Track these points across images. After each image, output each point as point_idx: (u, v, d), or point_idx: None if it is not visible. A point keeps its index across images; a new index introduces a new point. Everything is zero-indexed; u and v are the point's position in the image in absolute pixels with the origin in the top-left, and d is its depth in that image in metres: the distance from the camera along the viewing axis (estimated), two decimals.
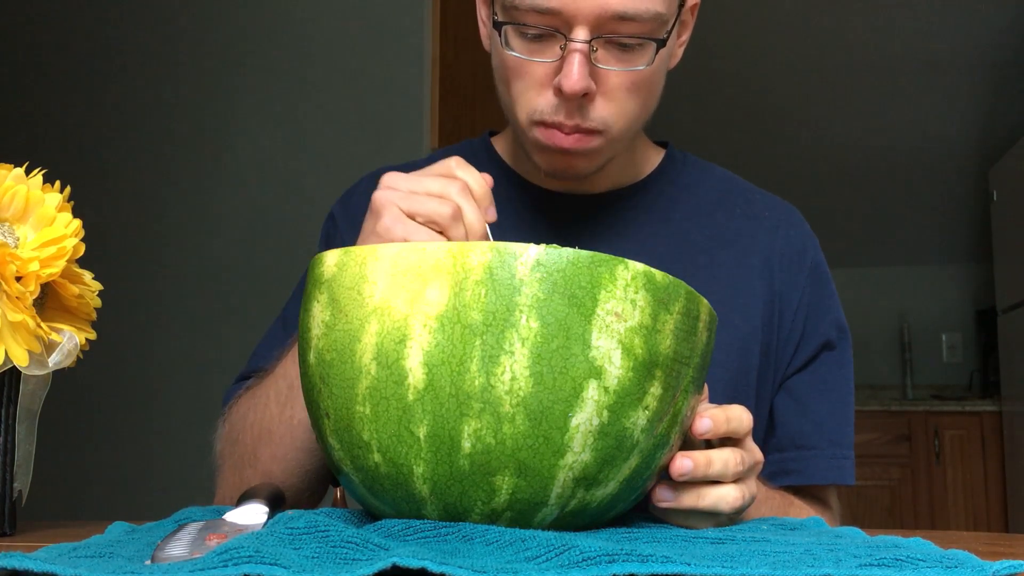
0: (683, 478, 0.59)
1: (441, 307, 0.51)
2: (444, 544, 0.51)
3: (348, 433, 0.55)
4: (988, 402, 3.46)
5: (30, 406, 0.72)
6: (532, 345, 0.51)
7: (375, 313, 0.53)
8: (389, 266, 0.53)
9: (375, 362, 0.52)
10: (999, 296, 3.51)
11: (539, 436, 0.52)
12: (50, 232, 0.69)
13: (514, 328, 0.51)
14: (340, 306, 0.54)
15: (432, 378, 0.51)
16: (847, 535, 0.59)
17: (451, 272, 0.52)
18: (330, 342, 0.54)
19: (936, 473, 3.41)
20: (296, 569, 0.45)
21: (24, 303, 0.66)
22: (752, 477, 0.64)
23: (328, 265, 0.56)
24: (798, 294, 0.92)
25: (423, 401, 0.51)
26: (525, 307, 0.51)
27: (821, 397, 0.91)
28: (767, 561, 0.47)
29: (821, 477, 0.89)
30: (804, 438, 0.90)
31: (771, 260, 0.92)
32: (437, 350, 0.51)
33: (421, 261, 0.52)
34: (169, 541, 0.53)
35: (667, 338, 0.55)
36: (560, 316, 0.51)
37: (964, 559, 0.48)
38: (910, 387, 3.92)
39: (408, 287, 0.52)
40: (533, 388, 0.51)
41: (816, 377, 0.91)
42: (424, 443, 0.52)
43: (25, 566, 0.46)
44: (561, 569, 0.45)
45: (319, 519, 0.54)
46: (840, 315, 0.95)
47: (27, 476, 0.72)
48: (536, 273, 0.51)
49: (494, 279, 0.51)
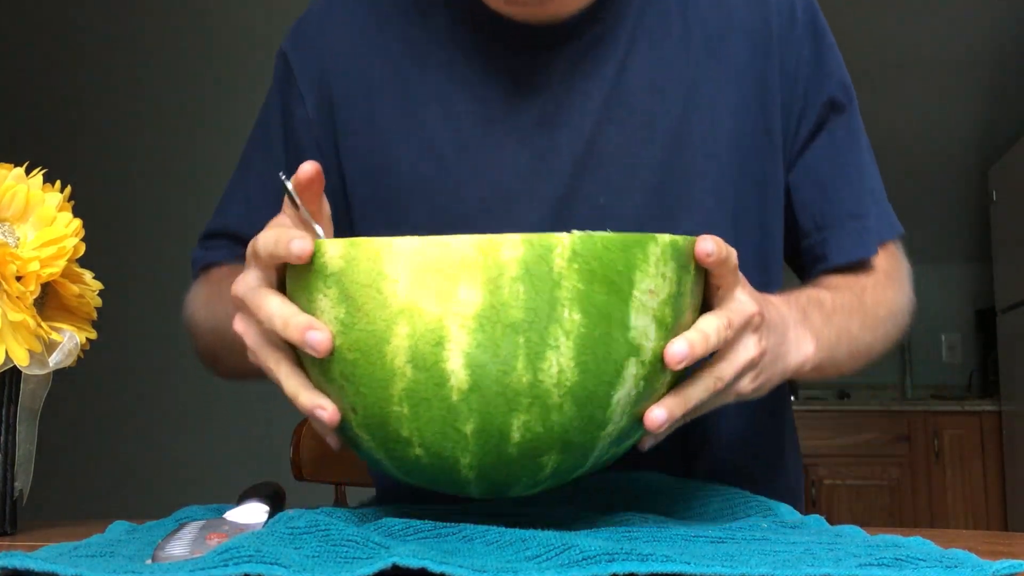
0: (680, 365, 0.54)
1: (477, 306, 0.50)
2: (444, 544, 0.51)
3: (382, 429, 0.54)
4: (987, 402, 3.46)
5: (31, 406, 0.72)
6: (576, 337, 0.51)
7: (403, 314, 0.50)
8: (409, 262, 0.50)
9: (410, 365, 0.51)
10: (998, 296, 3.50)
11: (584, 417, 0.53)
12: (50, 232, 0.69)
13: (557, 323, 0.50)
14: (357, 304, 0.51)
15: (477, 379, 0.50)
16: (847, 534, 0.59)
17: (483, 268, 0.50)
18: (351, 341, 0.52)
19: (935, 473, 3.41)
20: (296, 568, 0.45)
21: (24, 303, 0.66)
22: (745, 328, 0.58)
23: (332, 256, 0.52)
24: (793, 58, 0.84)
25: (468, 401, 0.51)
26: (567, 300, 0.50)
27: (835, 169, 0.85)
28: (767, 560, 0.47)
29: (846, 255, 0.84)
30: (824, 218, 0.85)
31: (754, 33, 0.83)
32: (479, 351, 0.50)
33: (446, 257, 0.50)
34: (170, 540, 0.53)
35: (687, 296, 0.56)
36: (600, 304, 0.51)
37: (964, 558, 0.48)
38: (909, 387, 3.92)
39: (436, 285, 0.50)
40: (579, 377, 0.51)
41: (827, 146, 0.85)
42: (471, 438, 0.52)
43: (26, 565, 0.46)
44: (561, 568, 0.45)
45: (320, 518, 0.54)
46: (844, 74, 0.87)
47: (27, 476, 0.72)
48: (574, 264, 0.50)
49: (531, 274, 0.50)
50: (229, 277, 0.82)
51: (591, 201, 0.79)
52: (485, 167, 0.80)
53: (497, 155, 0.80)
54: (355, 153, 0.85)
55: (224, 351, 0.80)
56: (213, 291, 0.85)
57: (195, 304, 0.88)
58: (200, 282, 0.90)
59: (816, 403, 3.54)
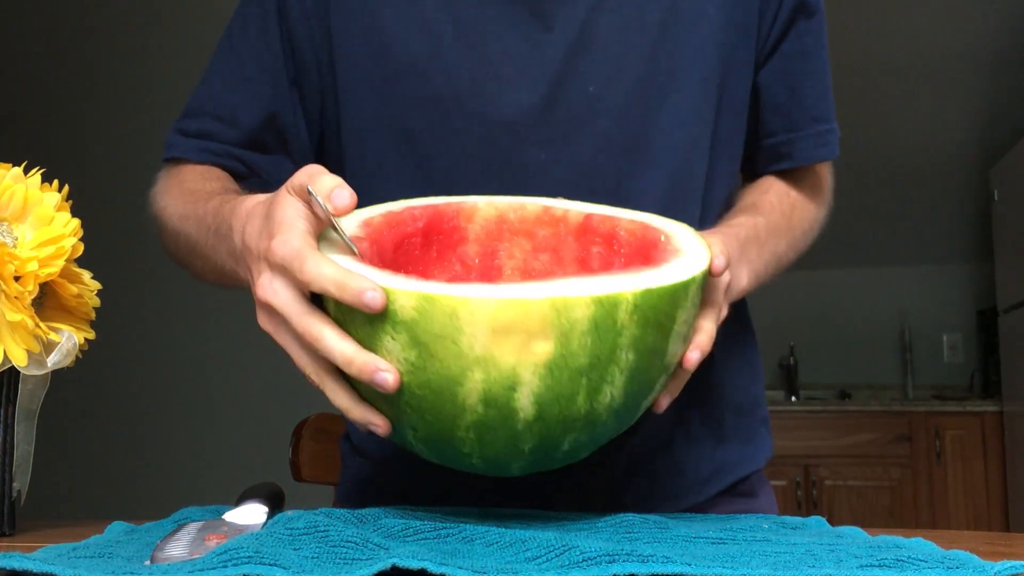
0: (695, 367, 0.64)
1: (548, 355, 0.53)
2: (444, 545, 0.51)
3: (444, 445, 0.58)
4: (989, 402, 3.46)
5: (29, 406, 0.72)
6: (628, 371, 0.57)
7: (479, 363, 0.53)
8: (487, 322, 0.52)
9: (482, 403, 0.54)
10: (1000, 296, 3.50)
11: (621, 426, 0.61)
12: (49, 231, 0.69)
13: (615, 364, 0.56)
14: (430, 350, 0.53)
15: (542, 411, 0.55)
16: (848, 535, 0.59)
17: (556, 325, 0.53)
18: (422, 381, 0.54)
19: (937, 473, 3.41)
20: (296, 569, 0.45)
21: (23, 303, 0.66)
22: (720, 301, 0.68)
23: (404, 306, 0.53)
24: None
25: (531, 428, 0.56)
26: (625, 345, 0.55)
27: (804, 72, 0.89)
28: (768, 561, 0.47)
29: (808, 157, 0.91)
30: (791, 120, 0.90)
31: None
32: (547, 391, 0.54)
33: (525, 318, 0.52)
34: (168, 541, 0.53)
35: (696, 306, 0.62)
36: (650, 343, 0.57)
37: (965, 560, 0.48)
38: (911, 387, 3.92)
39: (513, 341, 0.53)
40: (624, 400, 0.58)
41: (797, 50, 0.89)
42: (528, 453, 0.58)
43: (25, 566, 0.46)
44: (561, 569, 0.45)
45: (319, 519, 0.54)
46: None
47: (26, 476, 0.72)
48: (635, 316, 0.55)
49: (598, 328, 0.54)
50: (202, 183, 0.82)
51: (581, 88, 0.80)
52: (479, 49, 0.80)
53: (491, 38, 0.81)
54: (348, 32, 0.83)
55: (197, 263, 0.79)
56: (187, 200, 0.80)
57: (166, 206, 0.84)
58: (170, 177, 0.87)
59: (816, 403, 3.54)
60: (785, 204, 0.89)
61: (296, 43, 0.85)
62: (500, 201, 0.70)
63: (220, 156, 0.86)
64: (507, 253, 0.70)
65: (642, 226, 0.66)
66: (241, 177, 0.87)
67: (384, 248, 0.64)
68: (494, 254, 0.70)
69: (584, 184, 0.80)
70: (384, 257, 0.63)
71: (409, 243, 0.66)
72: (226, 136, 0.86)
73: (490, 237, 0.70)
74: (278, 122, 0.86)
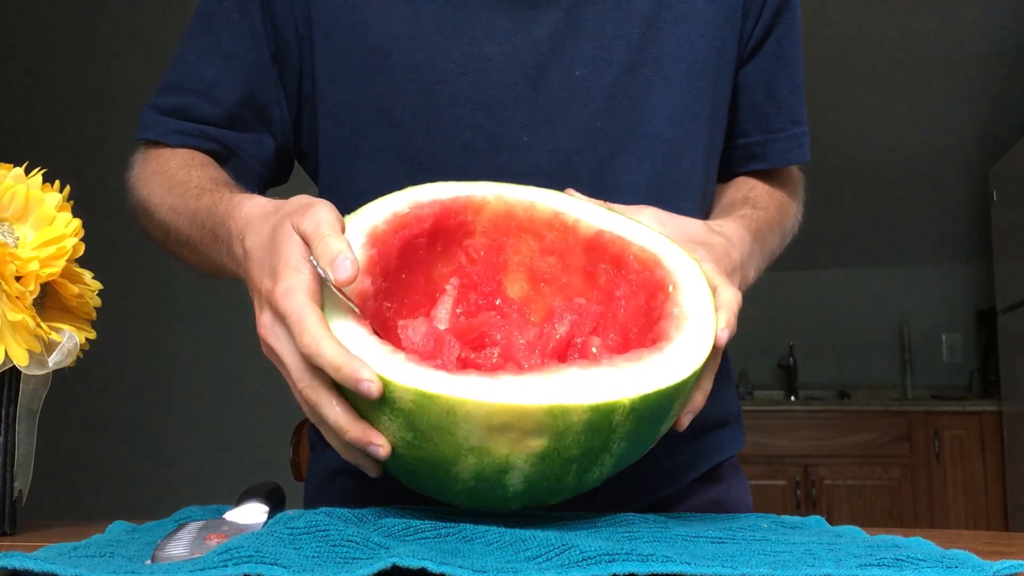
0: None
1: (541, 448, 0.54)
2: (444, 544, 0.51)
3: (436, 494, 0.60)
4: (988, 402, 3.46)
5: (30, 406, 0.72)
6: (619, 455, 0.58)
7: (473, 452, 0.54)
8: (484, 421, 0.52)
9: (474, 479, 0.56)
10: (999, 296, 3.50)
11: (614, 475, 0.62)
12: (50, 232, 0.69)
13: (607, 452, 0.57)
14: (426, 436, 0.54)
15: (532, 488, 0.57)
16: (847, 535, 0.59)
17: (551, 427, 0.53)
18: (416, 456, 0.55)
19: (936, 473, 3.41)
20: (296, 569, 0.45)
21: (24, 303, 0.66)
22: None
23: (402, 398, 0.53)
24: None
25: (521, 498, 0.58)
26: (618, 438, 0.56)
27: (782, 74, 0.90)
28: (767, 561, 0.47)
29: (785, 159, 0.91)
30: (769, 121, 0.90)
31: None
32: (537, 475, 0.56)
33: (520, 420, 0.53)
34: (169, 541, 0.53)
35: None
36: (644, 432, 0.58)
37: (964, 559, 0.48)
38: (910, 387, 3.92)
39: (508, 436, 0.53)
40: (614, 471, 0.60)
41: (776, 52, 0.89)
42: (518, 508, 0.60)
43: (25, 566, 0.46)
44: (561, 569, 0.45)
45: (319, 519, 0.54)
46: None
47: (27, 476, 0.72)
48: (631, 416, 0.55)
49: (593, 429, 0.54)
50: (187, 171, 0.79)
51: (567, 73, 0.79)
52: (463, 29, 0.79)
53: (476, 19, 0.79)
54: (326, 5, 0.81)
55: (190, 256, 0.78)
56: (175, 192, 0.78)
57: (150, 194, 0.82)
58: (148, 161, 0.85)
59: (816, 403, 3.54)
60: (776, 201, 0.90)
61: (277, 19, 0.82)
62: (509, 196, 0.69)
63: (197, 138, 0.83)
64: (513, 248, 0.69)
65: (653, 259, 0.65)
66: (221, 158, 0.84)
67: (389, 255, 0.63)
68: (500, 248, 0.69)
69: (566, 171, 0.79)
70: (389, 264, 0.63)
71: (415, 243, 0.66)
72: (204, 112, 0.83)
73: (497, 231, 0.69)
74: (258, 99, 0.84)
